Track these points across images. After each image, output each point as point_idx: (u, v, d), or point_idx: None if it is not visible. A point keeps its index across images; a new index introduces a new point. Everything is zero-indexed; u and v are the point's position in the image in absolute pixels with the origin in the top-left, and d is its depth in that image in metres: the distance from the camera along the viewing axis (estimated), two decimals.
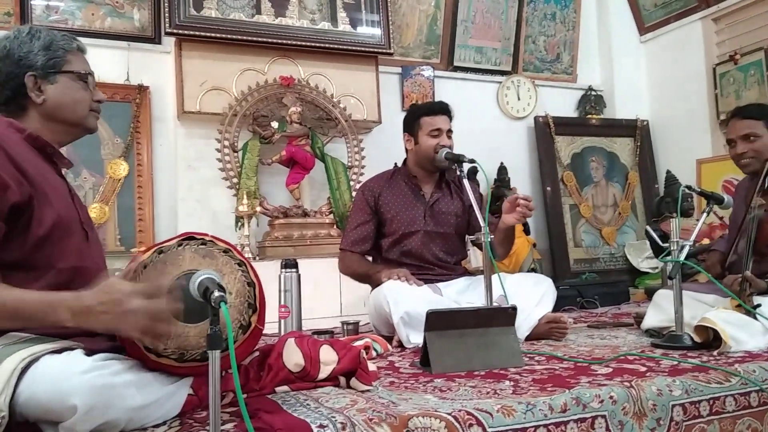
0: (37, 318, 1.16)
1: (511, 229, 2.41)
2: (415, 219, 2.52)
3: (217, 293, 1.08)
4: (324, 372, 1.46)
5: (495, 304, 2.09)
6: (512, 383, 1.51)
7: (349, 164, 3.68)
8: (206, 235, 1.34)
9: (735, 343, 1.83)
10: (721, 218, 3.69)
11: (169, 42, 3.54)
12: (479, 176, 3.70)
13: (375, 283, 2.42)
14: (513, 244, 2.60)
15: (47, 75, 1.41)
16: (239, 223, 3.35)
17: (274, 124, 3.55)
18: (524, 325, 2.20)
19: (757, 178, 2.30)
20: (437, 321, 1.75)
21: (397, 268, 2.38)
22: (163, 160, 3.58)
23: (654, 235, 2.32)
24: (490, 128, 4.37)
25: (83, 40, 1.55)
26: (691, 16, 4.34)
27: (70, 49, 1.45)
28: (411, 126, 2.56)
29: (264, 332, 1.42)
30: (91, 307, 1.13)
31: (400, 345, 2.18)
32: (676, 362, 1.70)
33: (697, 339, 1.91)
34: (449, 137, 2.51)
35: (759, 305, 1.96)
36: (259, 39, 3.52)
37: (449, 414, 1.22)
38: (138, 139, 3.52)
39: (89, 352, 1.20)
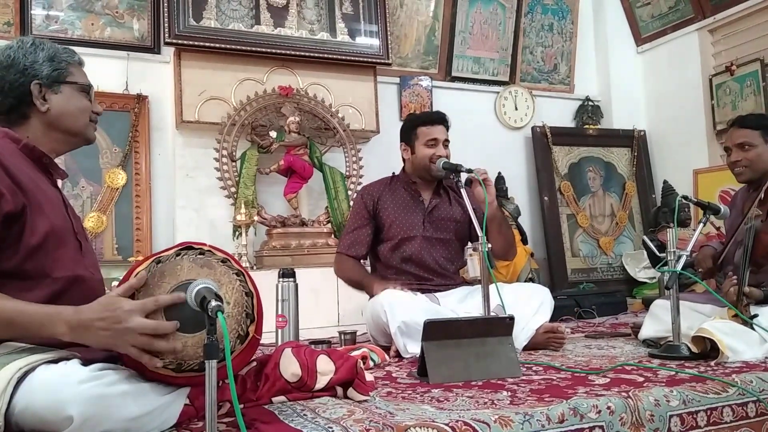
0: (33, 328, 1.17)
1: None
2: (414, 224, 2.52)
3: (214, 303, 1.08)
4: (321, 382, 1.46)
5: (492, 314, 2.09)
6: (510, 393, 1.51)
7: (347, 173, 3.68)
8: (204, 244, 1.34)
9: (732, 353, 1.83)
10: (717, 228, 3.70)
11: (168, 52, 3.55)
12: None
13: (368, 294, 2.42)
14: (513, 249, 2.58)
15: (52, 85, 1.44)
16: (237, 233, 3.35)
17: (273, 134, 3.56)
18: (522, 335, 2.20)
19: (754, 189, 2.31)
20: (435, 331, 1.75)
21: (389, 281, 2.37)
22: (161, 169, 3.59)
23: (651, 245, 2.32)
24: (488, 138, 4.38)
25: (83, 50, 1.59)
26: (687, 27, 4.37)
27: (72, 62, 1.50)
28: (408, 135, 2.57)
29: (261, 342, 1.41)
30: (89, 322, 1.15)
31: (398, 355, 2.18)
32: (673, 372, 1.70)
33: (694, 349, 1.91)
34: (446, 147, 2.51)
35: (756, 315, 1.97)
36: (258, 49, 3.53)
37: (446, 424, 1.21)
38: (136, 149, 3.53)
39: (85, 362, 1.20)
